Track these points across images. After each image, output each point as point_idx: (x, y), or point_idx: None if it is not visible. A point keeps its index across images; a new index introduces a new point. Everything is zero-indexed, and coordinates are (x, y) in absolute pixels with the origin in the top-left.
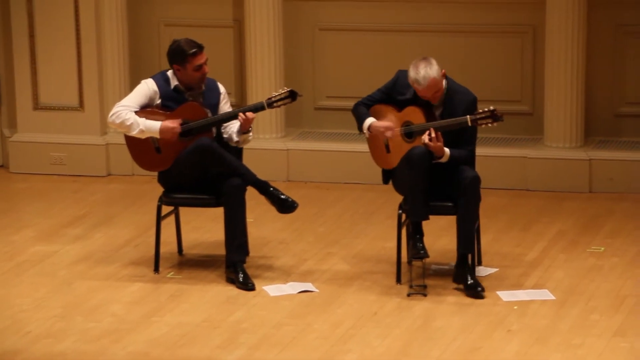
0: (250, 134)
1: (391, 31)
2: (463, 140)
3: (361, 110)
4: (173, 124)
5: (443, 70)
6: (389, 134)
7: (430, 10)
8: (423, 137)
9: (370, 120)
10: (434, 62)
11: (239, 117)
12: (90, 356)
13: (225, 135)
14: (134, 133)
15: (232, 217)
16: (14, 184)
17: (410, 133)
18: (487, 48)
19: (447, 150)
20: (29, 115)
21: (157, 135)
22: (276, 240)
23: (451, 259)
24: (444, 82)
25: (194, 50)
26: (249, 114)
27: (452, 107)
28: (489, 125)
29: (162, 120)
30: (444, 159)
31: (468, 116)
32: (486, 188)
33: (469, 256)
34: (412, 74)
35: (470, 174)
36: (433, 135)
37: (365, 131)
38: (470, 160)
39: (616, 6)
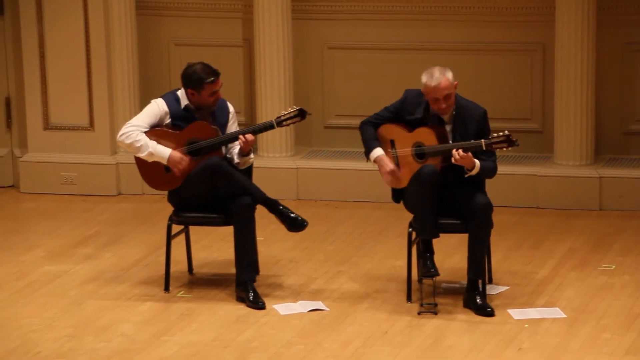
0: (252, 156)
1: (400, 49)
2: (486, 151)
3: (368, 133)
4: (182, 156)
5: (456, 82)
6: (388, 179)
7: (440, 28)
8: (454, 157)
9: (377, 153)
10: (449, 70)
11: (239, 140)
12: None
13: (228, 156)
14: (142, 155)
15: (242, 236)
16: (24, 203)
17: (421, 154)
18: (497, 66)
19: (477, 161)
20: (40, 135)
21: (165, 162)
22: (286, 258)
23: (462, 277)
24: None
25: (211, 79)
26: (249, 136)
27: (462, 123)
28: (504, 149)
29: (171, 142)
30: (475, 171)
31: (483, 140)
32: (496, 206)
33: (479, 281)
34: (425, 76)
35: (482, 201)
36: (460, 155)
37: (372, 161)
38: (495, 171)
39: (625, 24)
